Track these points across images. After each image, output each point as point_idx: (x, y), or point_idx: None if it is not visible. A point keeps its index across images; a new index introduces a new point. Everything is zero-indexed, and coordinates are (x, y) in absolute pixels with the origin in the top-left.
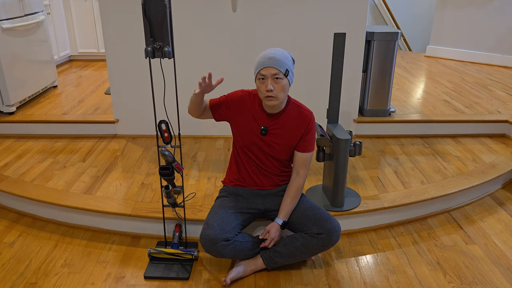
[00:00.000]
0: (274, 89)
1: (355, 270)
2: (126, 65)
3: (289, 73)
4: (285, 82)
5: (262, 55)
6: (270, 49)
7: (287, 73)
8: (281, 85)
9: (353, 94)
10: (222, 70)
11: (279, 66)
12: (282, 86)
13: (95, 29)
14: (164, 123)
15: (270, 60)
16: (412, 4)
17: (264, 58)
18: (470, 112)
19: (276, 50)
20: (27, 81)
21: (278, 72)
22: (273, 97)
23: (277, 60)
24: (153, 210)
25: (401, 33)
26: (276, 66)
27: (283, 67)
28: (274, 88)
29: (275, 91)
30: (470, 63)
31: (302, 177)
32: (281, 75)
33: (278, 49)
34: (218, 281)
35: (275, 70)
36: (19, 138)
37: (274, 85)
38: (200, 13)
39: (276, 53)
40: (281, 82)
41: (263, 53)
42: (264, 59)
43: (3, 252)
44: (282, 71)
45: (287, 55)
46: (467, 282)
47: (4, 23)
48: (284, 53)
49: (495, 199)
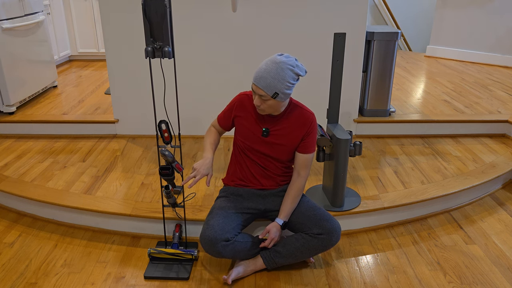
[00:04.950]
0: (261, 105)
1: (355, 270)
2: (126, 65)
3: (277, 95)
4: (271, 102)
5: (259, 67)
6: (269, 62)
7: (275, 96)
8: (267, 104)
9: (353, 94)
10: (222, 70)
11: (266, 89)
12: (268, 105)
13: (95, 29)
14: (164, 123)
15: (259, 79)
16: (412, 4)
17: (257, 73)
18: (470, 112)
19: (273, 67)
20: (27, 81)
21: (265, 94)
22: (260, 109)
23: (266, 82)
24: (153, 210)
25: (401, 33)
26: (262, 88)
27: (270, 90)
28: (261, 105)
29: (262, 106)
30: (470, 63)
31: (303, 178)
32: (267, 97)
33: (278, 64)
34: (218, 281)
35: (261, 91)
36: (19, 138)
37: (261, 102)
38: (200, 13)
39: (270, 72)
40: (267, 102)
41: (261, 65)
42: (257, 74)
43: (3, 252)
44: (269, 94)
45: (282, 74)
46: (467, 282)
47: (4, 23)
48: (280, 74)
49: (495, 199)
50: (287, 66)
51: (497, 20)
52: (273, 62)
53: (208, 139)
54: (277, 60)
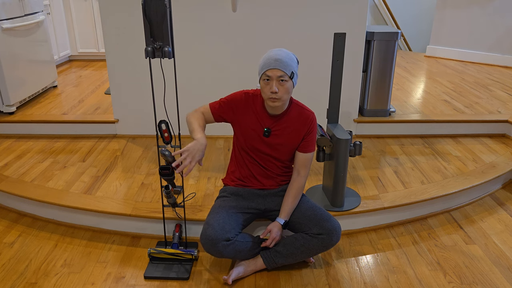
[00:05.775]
0: (278, 91)
1: (355, 270)
2: (126, 65)
3: (294, 75)
4: (289, 84)
5: (268, 56)
6: (275, 50)
7: (292, 76)
8: (286, 87)
9: (353, 94)
10: (222, 70)
11: (284, 69)
12: (286, 88)
13: (95, 29)
14: (164, 123)
15: (276, 62)
16: (412, 4)
17: (270, 59)
18: (470, 112)
19: (281, 51)
20: (27, 81)
21: (284, 74)
22: (276, 98)
23: (283, 62)
24: (153, 210)
25: (401, 33)
26: (282, 68)
27: (288, 70)
28: (278, 90)
29: (280, 93)
30: (470, 63)
31: (303, 177)
32: (286, 78)
33: (284, 50)
34: (218, 281)
35: (280, 72)
36: (19, 138)
37: (278, 87)
38: (200, 13)
39: (282, 54)
40: (286, 85)
41: (269, 54)
42: (270, 61)
43: (3, 252)
44: (288, 74)
45: (292, 57)
46: (467, 282)
47: (4, 23)
48: (290, 55)
49: (495, 199)
50: (289, 51)
51: (497, 20)
52: (278, 49)
53: (197, 121)
54: (279, 48)
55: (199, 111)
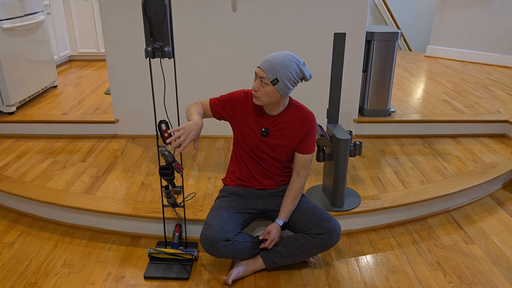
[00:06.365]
0: (258, 91)
1: (355, 270)
2: (126, 65)
3: (278, 82)
4: (269, 89)
5: (268, 55)
6: (276, 52)
7: (274, 82)
8: (266, 90)
9: (353, 94)
10: (222, 70)
11: (268, 72)
12: (266, 91)
13: (95, 29)
14: (164, 123)
15: (265, 62)
16: (412, 4)
17: (265, 57)
18: (470, 112)
19: (281, 55)
20: (27, 81)
21: (265, 77)
22: (256, 97)
23: (270, 65)
24: (153, 210)
25: (401, 33)
26: (265, 70)
27: (272, 74)
28: (259, 90)
29: (259, 92)
30: (470, 63)
31: (302, 178)
32: (267, 81)
33: (287, 55)
34: (218, 281)
35: (263, 73)
36: (19, 138)
37: (259, 87)
38: (200, 13)
39: (276, 57)
40: (266, 88)
41: (271, 53)
42: (264, 58)
43: (3, 252)
44: (270, 78)
45: (288, 64)
46: (467, 282)
47: (4, 23)
48: (286, 61)
49: (495, 199)
50: (294, 59)
51: (497, 20)
52: (283, 52)
53: (196, 110)
54: (286, 52)
55: (199, 102)
